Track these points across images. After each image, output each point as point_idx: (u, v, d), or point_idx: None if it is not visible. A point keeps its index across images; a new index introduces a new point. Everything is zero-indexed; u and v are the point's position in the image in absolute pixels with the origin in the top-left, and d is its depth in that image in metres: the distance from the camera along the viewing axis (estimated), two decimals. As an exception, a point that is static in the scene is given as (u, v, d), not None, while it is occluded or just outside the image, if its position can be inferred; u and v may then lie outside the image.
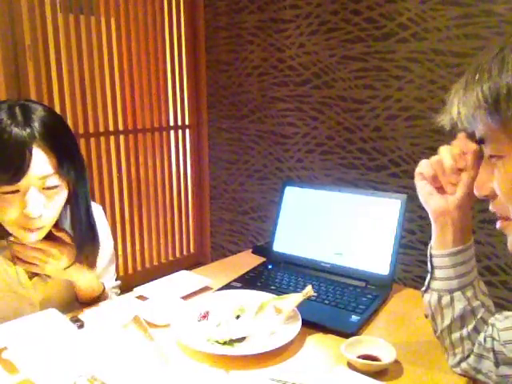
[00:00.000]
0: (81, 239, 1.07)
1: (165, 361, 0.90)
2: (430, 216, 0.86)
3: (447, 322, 0.86)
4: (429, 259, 0.87)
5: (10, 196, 0.91)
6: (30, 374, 0.86)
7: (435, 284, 0.87)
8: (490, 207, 0.71)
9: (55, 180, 0.94)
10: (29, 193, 0.91)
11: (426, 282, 0.89)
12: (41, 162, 0.91)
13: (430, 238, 0.87)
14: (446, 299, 0.85)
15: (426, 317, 0.91)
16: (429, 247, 0.88)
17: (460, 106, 0.66)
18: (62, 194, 0.98)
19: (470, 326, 0.85)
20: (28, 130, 0.90)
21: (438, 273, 0.86)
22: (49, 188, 0.94)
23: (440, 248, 0.85)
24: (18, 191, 0.91)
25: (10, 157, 0.87)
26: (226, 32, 2.81)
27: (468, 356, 0.86)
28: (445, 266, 0.85)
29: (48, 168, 0.92)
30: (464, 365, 0.87)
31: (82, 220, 1.06)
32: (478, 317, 0.85)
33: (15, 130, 0.88)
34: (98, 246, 1.12)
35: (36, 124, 0.91)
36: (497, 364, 0.82)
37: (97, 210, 1.16)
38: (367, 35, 2.22)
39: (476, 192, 0.73)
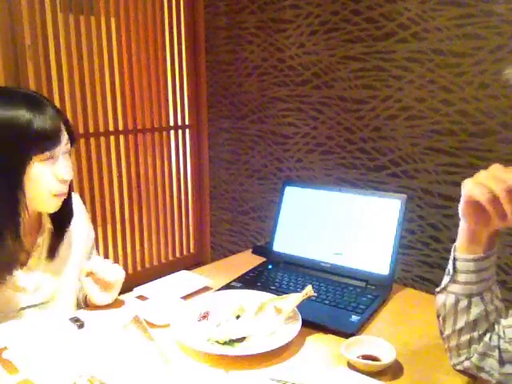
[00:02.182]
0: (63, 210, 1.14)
1: (165, 361, 0.90)
2: (462, 222, 0.83)
3: (460, 325, 0.85)
4: (451, 261, 0.86)
5: (47, 164, 1.02)
6: (30, 374, 0.86)
7: (454, 287, 0.85)
8: None
9: (69, 144, 1.08)
10: (60, 160, 1.04)
11: (444, 284, 0.87)
12: (63, 129, 1.05)
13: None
14: (463, 303, 0.84)
15: (438, 316, 0.90)
16: (452, 248, 0.86)
17: None
18: (71, 162, 1.10)
19: (482, 330, 0.84)
20: (50, 104, 1.04)
21: (460, 276, 0.84)
22: (66, 152, 1.07)
23: (466, 252, 0.83)
24: (52, 157, 1.02)
25: (52, 126, 1.00)
26: (226, 32, 2.81)
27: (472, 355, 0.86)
28: (468, 270, 0.83)
29: (65, 134, 1.06)
30: (467, 363, 0.87)
31: (70, 190, 1.14)
32: (491, 321, 0.84)
33: (46, 104, 1.02)
34: (72, 217, 1.19)
35: (46, 100, 1.05)
36: (501, 362, 0.82)
37: (75, 197, 1.24)
38: (367, 35, 2.22)
39: None
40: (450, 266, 0.86)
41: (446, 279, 0.87)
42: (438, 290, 0.89)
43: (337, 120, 2.41)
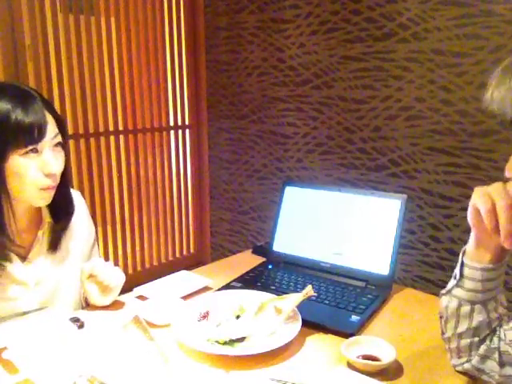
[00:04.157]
0: (62, 202, 1.15)
1: (165, 361, 0.90)
2: (472, 233, 0.81)
3: (461, 329, 0.85)
4: (459, 265, 0.84)
5: (30, 157, 1.00)
6: (30, 374, 0.86)
7: (459, 291, 0.84)
8: None
9: (59, 137, 1.06)
10: (45, 153, 1.02)
11: (449, 286, 0.86)
12: (50, 123, 1.03)
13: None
14: (465, 309, 0.84)
15: (441, 317, 0.89)
16: (461, 252, 0.85)
17: (494, 89, 0.66)
18: (63, 154, 1.08)
19: (482, 336, 0.84)
20: (39, 97, 1.03)
21: (465, 282, 0.83)
22: (56, 145, 1.05)
23: (475, 261, 0.82)
24: (36, 151, 1.01)
25: (34, 119, 0.99)
26: (226, 32, 2.81)
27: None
28: (475, 278, 0.82)
29: (55, 128, 1.05)
30: (467, 365, 0.86)
31: (67, 183, 1.15)
32: (493, 327, 0.84)
33: (33, 97, 1.01)
34: (73, 210, 1.19)
35: (36, 93, 1.04)
36: (501, 364, 0.82)
37: (76, 194, 1.24)
38: (367, 35, 2.22)
39: (508, 173, 0.70)
40: (457, 270, 0.85)
41: (451, 282, 0.86)
42: (443, 291, 0.88)
43: (337, 120, 2.41)
